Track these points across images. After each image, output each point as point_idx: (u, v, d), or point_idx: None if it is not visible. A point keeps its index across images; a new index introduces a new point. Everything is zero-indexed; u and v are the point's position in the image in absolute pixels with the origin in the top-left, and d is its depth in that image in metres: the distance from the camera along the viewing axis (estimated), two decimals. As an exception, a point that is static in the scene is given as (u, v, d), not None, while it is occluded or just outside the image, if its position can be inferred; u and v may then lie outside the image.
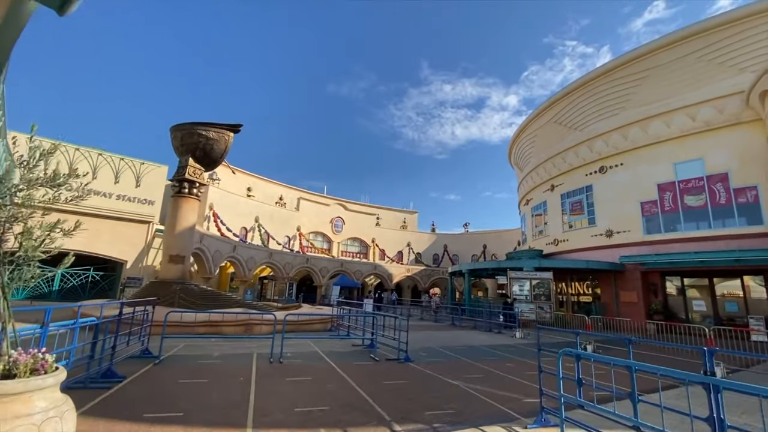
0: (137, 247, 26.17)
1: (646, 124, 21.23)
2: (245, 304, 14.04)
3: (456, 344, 11.84)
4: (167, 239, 15.43)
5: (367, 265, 44.11)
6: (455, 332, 15.80)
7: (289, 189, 46.06)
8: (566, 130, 26.03)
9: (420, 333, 14.80)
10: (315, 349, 9.43)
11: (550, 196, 27.43)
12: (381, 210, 53.87)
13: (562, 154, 26.24)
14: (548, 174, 27.66)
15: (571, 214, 25.25)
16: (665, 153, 20.48)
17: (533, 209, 30.22)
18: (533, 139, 29.68)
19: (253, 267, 31.65)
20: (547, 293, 20.11)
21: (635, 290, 20.62)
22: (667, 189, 20.14)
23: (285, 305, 19.33)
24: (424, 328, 17.36)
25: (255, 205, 39.56)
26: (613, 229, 22.22)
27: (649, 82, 21.11)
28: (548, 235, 27.30)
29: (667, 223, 20.00)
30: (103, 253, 24.33)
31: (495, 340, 13.62)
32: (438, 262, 52.05)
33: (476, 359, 9.16)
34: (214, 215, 33.62)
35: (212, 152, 16.27)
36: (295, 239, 43.30)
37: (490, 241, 51.01)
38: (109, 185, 26.16)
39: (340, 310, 13.72)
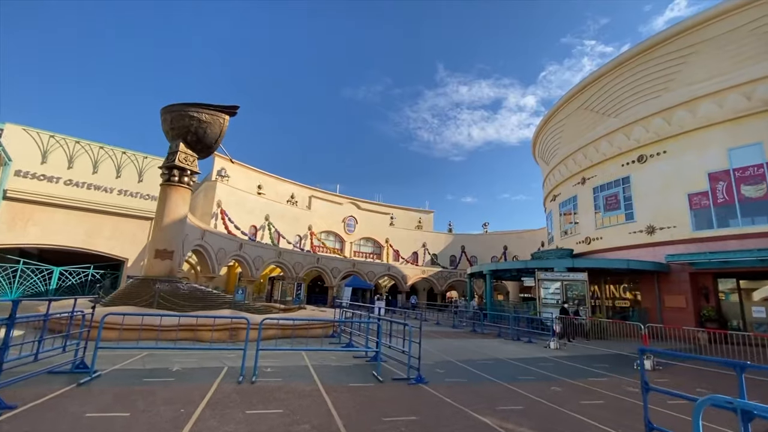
0: (139, 244, 24.93)
1: (694, 105, 18.68)
2: (238, 305, 12.40)
3: (480, 357, 9.81)
4: (153, 232, 13.97)
5: (380, 266, 42.25)
6: (477, 341, 13.74)
7: (300, 187, 44.74)
8: (598, 117, 23.58)
9: (436, 341, 12.82)
10: (305, 363, 7.60)
11: (580, 190, 24.97)
12: (395, 209, 51.98)
13: (594, 144, 23.79)
14: (578, 166, 25.21)
15: (605, 210, 22.76)
16: (717, 137, 17.90)
17: (561, 205, 27.75)
18: (561, 128, 27.26)
19: (260, 266, 30.23)
20: (581, 297, 17.77)
21: (683, 294, 18.06)
22: (720, 178, 17.55)
23: (288, 307, 17.66)
24: (441, 335, 15.35)
25: (265, 203, 38.32)
26: (655, 225, 19.68)
27: (696, 58, 18.58)
28: (579, 233, 24.82)
29: (720, 218, 17.40)
30: (103, 251, 23.23)
31: (526, 351, 11.52)
32: (455, 263, 49.73)
33: (509, 379, 7.15)
34: (221, 212, 32.45)
35: (206, 136, 14.75)
36: (306, 238, 41.88)
37: (510, 242, 48.41)
38: (110, 180, 25.05)
39: (342, 314, 11.88)
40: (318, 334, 11.55)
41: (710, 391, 7.08)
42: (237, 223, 33.50)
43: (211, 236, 23.53)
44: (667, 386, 7.27)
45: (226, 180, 35.32)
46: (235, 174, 37.71)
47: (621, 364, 9.91)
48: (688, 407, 5.73)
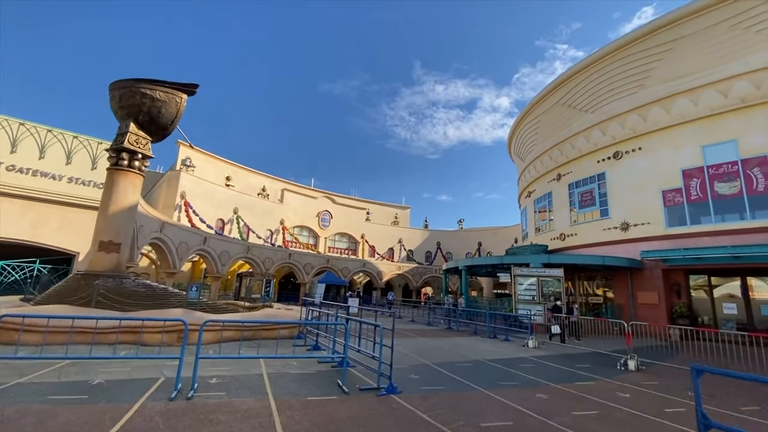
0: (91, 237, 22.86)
1: (670, 102, 18.73)
2: (192, 303, 11.13)
3: (457, 359, 9.07)
4: (98, 222, 12.43)
5: (355, 262, 41.24)
6: (453, 340, 13.06)
7: (272, 180, 42.99)
8: (575, 113, 23.47)
9: (411, 341, 12.03)
10: (261, 370, 6.58)
11: (556, 186, 24.86)
12: (371, 204, 51.05)
13: (570, 140, 23.68)
14: (554, 162, 25.09)
15: (580, 206, 22.70)
16: (692, 134, 17.99)
17: (536, 201, 27.65)
18: (537, 124, 27.09)
19: (227, 262, 28.59)
20: (557, 293, 17.49)
21: (655, 290, 18.12)
22: (694, 175, 17.65)
23: (253, 305, 16.44)
24: (415, 333, 14.59)
25: (234, 196, 36.47)
26: (629, 222, 19.69)
27: (673, 55, 18.60)
28: (553, 230, 24.73)
29: (693, 214, 17.51)
30: (50, 243, 21.09)
31: (504, 350, 10.90)
32: (431, 260, 49.42)
33: (491, 385, 6.40)
34: (185, 204, 30.50)
35: (160, 117, 13.28)
36: (277, 233, 40.30)
37: (485, 239, 48.55)
38: (59, 166, 22.81)
39: (308, 313, 10.87)
40: (282, 335, 10.49)
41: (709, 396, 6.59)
42: (203, 216, 31.61)
43: (171, 229, 21.81)
44: (659, 390, 6.74)
45: (191, 170, 33.26)
46: (202, 164, 35.65)
47: (603, 363, 9.43)
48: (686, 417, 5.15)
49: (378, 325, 6.00)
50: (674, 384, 7.28)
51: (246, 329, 9.99)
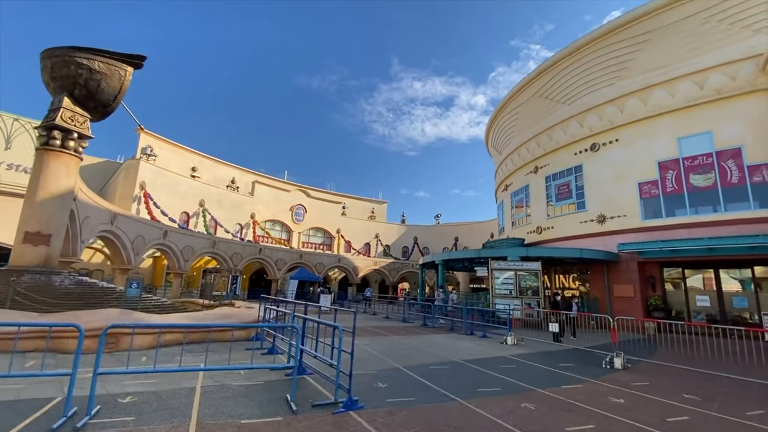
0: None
1: (647, 93, 18.53)
2: (134, 302, 9.75)
3: (432, 360, 8.18)
4: (23, 210, 10.79)
5: (330, 258, 39.99)
6: (429, 338, 12.22)
7: (243, 171, 41.03)
8: (553, 104, 23.11)
9: (383, 340, 11.09)
10: (194, 384, 5.43)
11: (533, 179, 24.51)
12: (347, 199, 49.78)
13: (547, 132, 23.33)
14: (531, 155, 24.72)
15: (557, 199, 22.39)
16: (668, 126, 17.85)
17: (513, 195, 27.28)
18: (515, 116, 26.66)
19: (190, 257, 26.78)
20: (535, 287, 17.01)
21: (631, 283, 17.95)
22: (670, 167, 17.52)
23: (212, 303, 15.08)
24: (389, 331, 13.68)
25: (200, 187, 34.43)
26: (605, 215, 19.47)
27: (650, 46, 18.38)
28: (530, 223, 24.40)
29: (669, 207, 17.39)
30: None
31: (482, 349, 10.13)
32: (408, 255, 48.77)
33: (470, 393, 5.52)
34: (145, 195, 28.39)
35: (99, 91, 11.68)
36: (248, 228, 38.49)
37: (461, 234, 48.31)
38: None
39: (266, 312, 9.71)
40: (238, 337, 9.32)
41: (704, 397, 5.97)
42: (165, 209, 29.55)
43: (124, 221, 19.94)
44: (653, 392, 6.05)
45: (152, 159, 31.03)
46: (165, 153, 33.40)
47: (586, 362, 8.78)
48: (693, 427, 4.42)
49: (337, 326, 4.98)
50: (667, 385, 6.65)
51: (190, 331, 8.75)
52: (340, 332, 4.90)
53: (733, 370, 8.10)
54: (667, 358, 9.68)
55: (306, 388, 5.44)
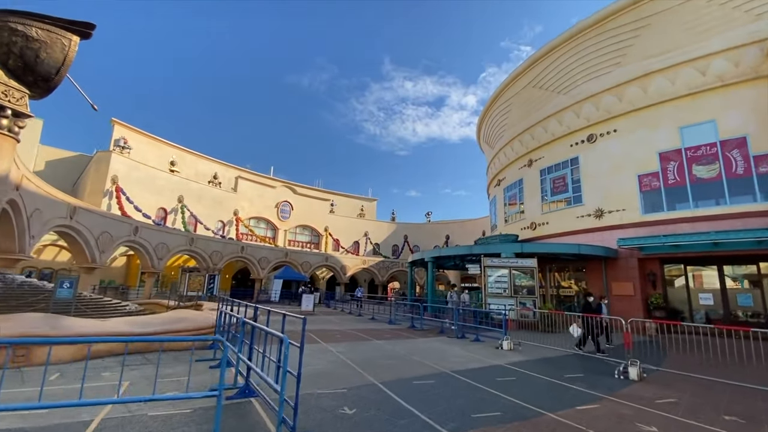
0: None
1: (646, 81, 17.57)
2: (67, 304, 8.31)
3: (417, 371, 6.95)
4: (-58, 198, 9.24)
5: (317, 256, 38.58)
6: (415, 342, 10.99)
7: (225, 167, 39.35)
8: (548, 94, 22.09)
9: (363, 346, 9.82)
10: (94, 415, 4.09)
11: (527, 172, 23.47)
12: (336, 196, 48.36)
13: (542, 123, 22.30)
14: (525, 147, 23.68)
15: (552, 193, 21.36)
16: (669, 115, 16.91)
17: (506, 190, 26.24)
18: (508, 108, 25.61)
19: (164, 256, 25.15)
20: (531, 286, 15.91)
21: (630, 281, 16.98)
22: (672, 158, 16.58)
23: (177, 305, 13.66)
24: (372, 334, 12.41)
25: (179, 182, 32.72)
26: (603, 209, 18.48)
27: (650, 31, 17.42)
28: (524, 219, 23.36)
29: (671, 200, 16.44)
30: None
31: (476, 356, 8.92)
32: (398, 253, 47.57)
33: (463, 423, 4.29)
34: (117, 190, 26.66)
35: (38, 63, 10.06)
36: (231, 225, 36.87)
37: (453, 232, 47.27)
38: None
39: (222, 316, 8.34)
40: (188, 344, 7.95)
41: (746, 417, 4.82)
42: (140, 204, 27.86)
43: (87, 215, 18.32)
44: (687, 414, 4.88)
45: (126, 152, 29.27)
46: (141, 146, 31.63)
47: (595, 371, 7.64)
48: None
49: (283, 338, 3.70)
50: (697, 403, 5.51)
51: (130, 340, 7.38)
52: (285, 346, 3.62)
53: (762, 380, 7.02)
54: (683, 365, 8.60)
55: (246, 418, 4.16)
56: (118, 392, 4.65)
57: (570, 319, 13.24)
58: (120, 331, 6.93)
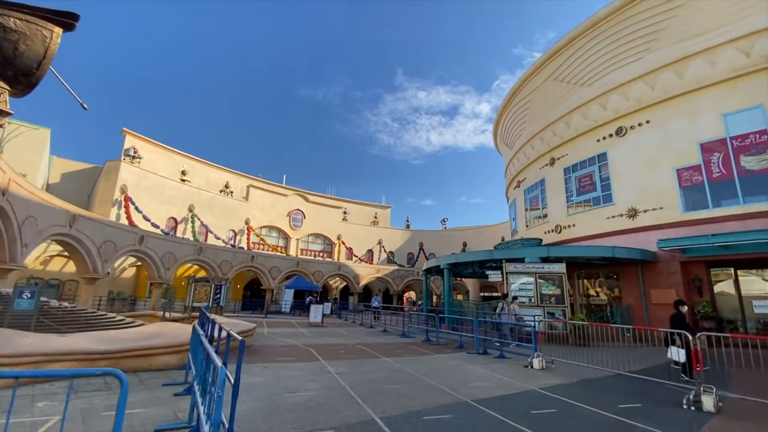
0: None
1: (683, 66, 15.93)
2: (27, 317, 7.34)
3: (431, 400, 5.61)
4: None
5: (329, 265, 37.50)
6: (431, 359, 9.60)
7: (237, 176, 38.95)
8: (569, 87, 20.59)
9: (369, 365, 8.51)
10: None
11: (549, 172, 21.88)
12: (349, 204, 47.39)
13: (564, 118, 20.76)
14: (547, 145, 22.13)
15: (578, 193, 19.70)
16: (711, 101, 15.19)
17: (527, 191, 24.63)
18: (526, 105, 24.18)
19: (172, 266, 24.48)
20: (559, 294, 14.30)
21: (673, 287, 15.14)
22: (715, 149, 14.81)
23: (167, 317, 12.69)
24: (381, 350, 11.07)
25: (189, 191, 32.34)
26: (637, 208, 16.75)
27: (684, 12, 15.84)
28: (547, 221, 21.69)
29: (716, 195, 14.63)
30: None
31: (502, 378, 7.49)
32: (413, 261, 46.07)
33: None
34: (125, 199, 26.31)
35: (17, 56, 9.23)
36: (242, 234, 36.25)
37: (470, 238, 45.52)
38: (-55, 149, 18.68)
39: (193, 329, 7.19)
40: (163, 364, 6.82)
41: None
42: (150, 214, 27.46)
43: (88, 224, 17.72)
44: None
45: (137, 162, 29.06)
46: (152, 156, 31.45)
47: (655, 398, 6.12)
48: None
49: (212, 360, 2.47)
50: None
51: (108, 357, 6.31)
52: (220, 377, 2.39)
53: None
54: (756, 388, 6.96)
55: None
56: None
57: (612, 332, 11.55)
58: (74, 349, 5.86)
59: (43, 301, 7.96)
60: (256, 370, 7.24)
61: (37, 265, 21.95)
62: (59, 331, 7.27)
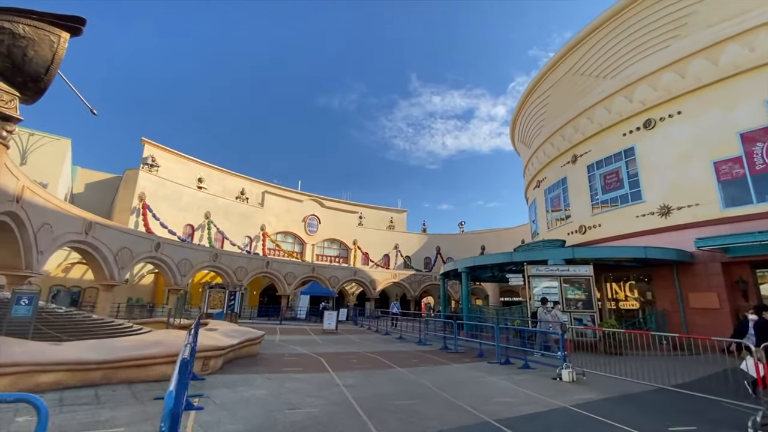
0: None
1: (717, 51, 14.79)
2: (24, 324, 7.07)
3: (448, 419, 4.97)
4: None
5: (345, 270, 37.07)
6: (448, 370, 8.90)
7: (252, 182, 39.15)
8: (591, 80, 19.58)
9: (381, 375, 7.89)
10: None
11: (571, 170, 20.83)
12: (364, 208, 47.00)
13: (586, 113, 19.74)
14: (568, 142, 21.11)
15: (603, 191, 18.60)
16: (749, 87, 14.00)
17: (547, 191, 23.58)
18: (545, 101, 23.22)
19: (188, 272, 24.51)
20: (587, 298, 13.31)
21: (713, 290, 13.91)
22: (758, 138, 13.60)
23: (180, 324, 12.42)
24: (394, 359, 10.42)
25: (205, 198, 32.57)
26: (670, 205, 15.59)
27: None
28: (570, 222, 20.61)
29: (761, 189, 13.39)
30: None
31: (529, 392, 6.74)
32: (430, 266, 45.17)
33: None
34: (143, 207, 26.60)
35: (27, 62, 9.09)
36: (258, 240, 36.27)
37: (488, 242, 44.30)
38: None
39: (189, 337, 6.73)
40: (161, 375, 6.40)
41: None
42: (168, 221, 27.72)
43: (104, 231, 17.82)
44: None
45: (155, 170, 29.48)
46: (170, 164, 31.90)
47: (708, 418, 5.29)
48: None
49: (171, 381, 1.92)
50: None
51: (100, 368, 5.94)
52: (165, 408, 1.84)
53: None
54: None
55: None
56: None
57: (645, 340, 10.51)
58: (67, 359, 5.49)
59: (41, 308, 7.72)
60: (259, 381, 6.74)
61: (58, 272, 22.32)
62: (59, 339, 6.98)
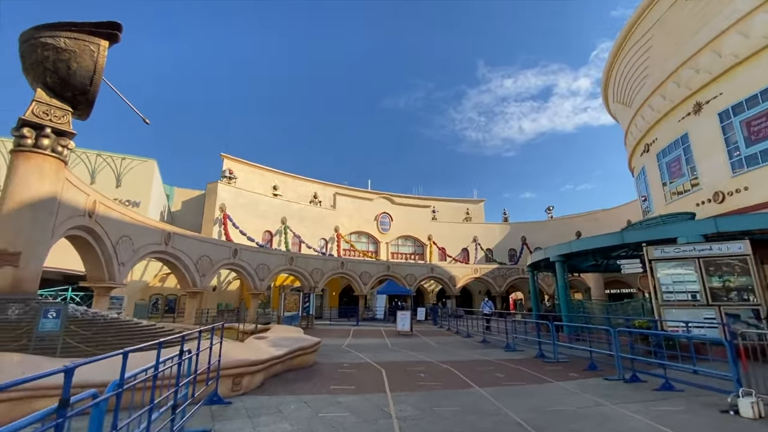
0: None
1: None
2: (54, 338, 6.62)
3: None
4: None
5: (421, 268, 35.31)
6: (546, 392, 6.57)
7: (324, 186, 39.56)
8: (714, 3, 14.98)
9: (451, 398, 5.95)
10: None
11: (693, 122, 16.28)
12: (436, 202, 44.71)
13: (711, 45, 15.14)
14: (686, 88, 16.54)
15: (748, 143, 13.98)
16: None
17: (660, 155, 18.98)
18: (647, 44, 18.71)
19: (266, 276, 25.03)
20: (747, 285, 9.60)
21: None
22: None
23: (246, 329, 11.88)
24: (473, 372, 8.34)
25: (280, 205, 33.54)
26: None
27: None
28: (700, 188, 16.08)
29: None
30: (75, 269, 19.44)
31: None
32: (515, 258, 41.05)
33: None
34: (224, 217, 28.04)
35: (71, 75, 9.46)
36: (332, 242, 36.39)
37: (584, 227, 38.65)
38: (80, 186, 21.35)
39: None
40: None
41: None
42: (248, 229, 28.95)
43: (183, 241, 18.64)
44: None
45: (233, 182, 31.11)
46: (246, 175, 33.55)
47: None
48: None
49: None
50: None
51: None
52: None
53: None
54: None
55: None
56: None
57: None
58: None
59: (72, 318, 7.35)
60: (292, 408, 5.31)
61: (155, 282, 24.35)
62: (86, 354, 6.42)
